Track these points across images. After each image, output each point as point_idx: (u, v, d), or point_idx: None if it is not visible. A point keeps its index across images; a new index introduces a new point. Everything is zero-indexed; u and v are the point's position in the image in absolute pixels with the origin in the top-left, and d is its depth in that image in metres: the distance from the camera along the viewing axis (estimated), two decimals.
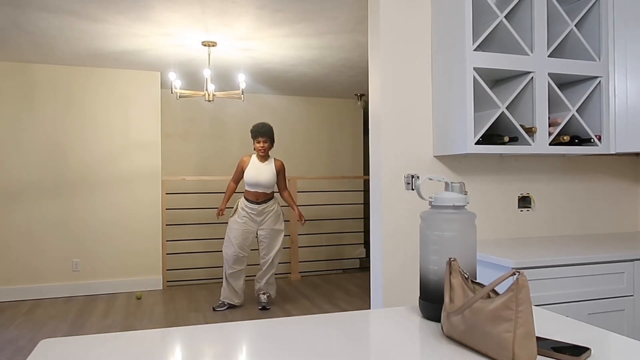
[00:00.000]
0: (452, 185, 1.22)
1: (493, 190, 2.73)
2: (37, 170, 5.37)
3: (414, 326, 1.18)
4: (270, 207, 4.66)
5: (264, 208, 4.63)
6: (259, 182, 4.56)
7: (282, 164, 4.74)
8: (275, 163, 4.69)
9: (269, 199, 4.66)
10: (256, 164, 4.63)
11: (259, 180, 4.56)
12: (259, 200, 4.60)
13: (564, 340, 1.00)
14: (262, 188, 4.59)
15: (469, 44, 2.33)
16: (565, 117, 2.53)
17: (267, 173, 4.60)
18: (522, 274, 0.89)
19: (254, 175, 4.57)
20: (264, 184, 4.58)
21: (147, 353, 0.99)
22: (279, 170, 4.70)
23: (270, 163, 4.67)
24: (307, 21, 4.01)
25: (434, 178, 1.32)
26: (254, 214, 4.60)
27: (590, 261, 2.17)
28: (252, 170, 4.59)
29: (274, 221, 4.67)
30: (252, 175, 4.57)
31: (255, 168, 4.60)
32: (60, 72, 5.46)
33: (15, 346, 3.85)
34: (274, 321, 1.26)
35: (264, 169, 4.61)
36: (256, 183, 4.57)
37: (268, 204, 4.65)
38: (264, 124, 4.59)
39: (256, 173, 4.58)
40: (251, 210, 4.60)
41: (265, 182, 4.58)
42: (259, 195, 4.60)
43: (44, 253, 5.40)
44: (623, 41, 2.55)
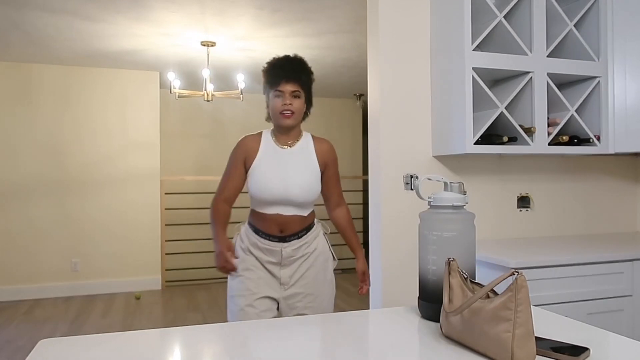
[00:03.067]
0: (451, 185, 1.22)
1: (492, 190, 2.73)
2: (35, 170, 5.37)
3: (413, 326, 1.18)
4: (310, 244, 2.02)
5: (298, 248, 1.99)
6: (289, 191, 1.94)
7: (331, 147, 2.08)
8: (317, 146, 2.04)
9: (308, 228, 2.02)
10: (275, 151, 1.99)
11: (288, 187, 1.94)
12: (287, 232, 1.97)
13: (563, 340, 1.00)
14: (294, 205, 1.96)
15: (468, 44, 2.33)
16: (564, 117, 2.53)
17: (305, 170, 1.99)
18: (521, 274, 0.89)
19: (274, 178, 1.94)
20: (298, 194, 1.95)
21: (146, 353, 0.99)
22: (327, 160, 2.04)
23: (306, 146, 2.03)
24: (306, 21, 4.01)
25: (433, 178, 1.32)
26: (275, 263, 1.98)
27: (589, 261, 2.17)
28: (270, 167, 1.96)
29: (317, 271, 2.03)
30: (271, 178, 1.94)
31: (276, 160, 1.98)
32: (59, 72, 5.45)
33: (15, 346, 3.84)
34: (273, 321, 1.26)
35: (295, 160, 1.99)
36: (282, 195, 1.94)
37: (305, 239, 2.01)
38: (294, 57, 2.01)
39: (279, 172, 1.96)
40: (269, 254, 1.98)
41: (302, 190, 1.95)
42: (287, 221, 1.96)
43: (43, 253, 5.39)
44: (622, 41, 2.55)
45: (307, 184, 1.96)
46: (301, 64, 1.99)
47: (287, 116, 1.92)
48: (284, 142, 2.00)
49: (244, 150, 2.00)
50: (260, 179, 1.94)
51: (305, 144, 2.04)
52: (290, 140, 2.01)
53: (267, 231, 1.97)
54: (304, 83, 1.96)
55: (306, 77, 1.98)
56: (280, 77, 1.91)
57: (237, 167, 2.00)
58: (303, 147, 2.02)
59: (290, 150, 2.00)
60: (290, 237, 1.98)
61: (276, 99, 1.92)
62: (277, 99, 1.92)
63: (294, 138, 2.02)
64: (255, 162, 1.97)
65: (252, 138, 2.02)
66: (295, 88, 1.92)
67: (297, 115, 1.94)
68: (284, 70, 1.93)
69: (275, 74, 1.94)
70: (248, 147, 2.00)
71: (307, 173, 1.98)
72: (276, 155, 1.98)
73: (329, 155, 2.05)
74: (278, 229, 1.97)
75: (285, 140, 2.00)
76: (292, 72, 1.93)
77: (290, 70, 1.93)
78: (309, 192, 1.97)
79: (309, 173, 1.98)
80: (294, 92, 1.92)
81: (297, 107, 1.93)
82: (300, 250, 1.99)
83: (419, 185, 1.28)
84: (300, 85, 1.93)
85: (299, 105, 1.94)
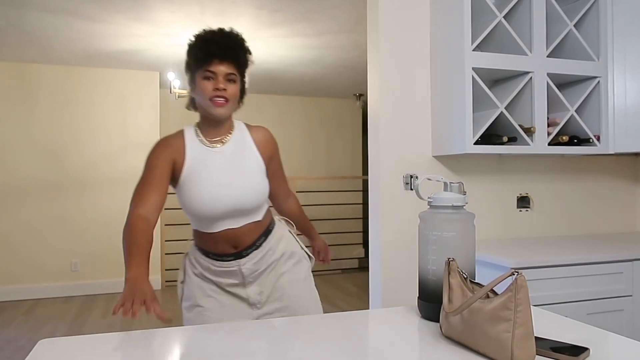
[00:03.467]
0: (451, 185, 1.22)
1: (492, 190, 2.73)
2: (35, 170, 5.36)
3: (413, 326, 1.18)
4: (275, 250, 1.66)
5: (261, 260, 1.62)
6: (238, 200, 1.54)
7: (270, 135, 1.69)
8: (256, 136, 1.65)
9: (267, 232, 1.66)
10: (206, 153, 1.57)
11: (236, 195, 1.54)
12: (242, 246, 1.60)
13: (563, 340, 1.00)
14: (247, 214, 1.58)
15: (467, 44, 2.33)
16: (564, 117, 2.53)
17: (249, 168, 1.59)
18: (520, 274, 0.89)
19: (215, 189, 1.53)
20: (250, 201, 1.57)
21: (146, 353, 0.99)
22: (270, 151, 1.67)
23: (242, 139, 1.63)
24: (306, 21, 4.01)
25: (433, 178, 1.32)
26: (237, 284, 1.62)
27: (589, 261, 2.17)
28: (205, 175, 1.54)
29: (291, 278, 1.68)
30: (210, 190, 1.52)
31: (210, 165, 1.56)
32: (59, 72, 5.45)
33: (15, 346, 3.84)
34: (273, 321, 1.26)
35: (233, 159, 1.59)
36: (231, 207, 1.54)
37: (267, 246, 1.64)
38: (230, 31, 1.60)
39: (219, 179, 1.54)
40: (227, 276, 1.61)
41: (253, 193, 1.57)
42: (240, 234, 1.58)
43: (43, 253, 5.39)
44: (622, 41, 2.55)
45: (256, 184, 1.58)
46: (239, 41, 1.59)
47: (219, 104, 1.51)
48: (214, 139, 1.58)
49: (170, 151, 1.53)
50: (198, 193, 1.50)
51: (240, 136, 1.62)
52: (222, 136, 1.59)
53: (218, 251, 1.59)
54: (242, 65, 1.58)
55: (244, 57, 1.59)
56: (212, 55, 1.50)
57: (162, 172, 1.50)
58: (239, 140, 1.61)
59: (223, 148, 1.57)
60: (247, 250, 1.59)
61: (205, 81, 1.51)
62: (207, 82, 1.51)
63: (225, 132, 1.59)
64: (185, 170, 1.52)
65: (175, 140, 1.56)
66: (231, 70, 1.52)
67: (231, 103, 1.54)
68: (218, 47, 1.51)
69: (206, 50, 1.51)
70: (174, 148, 1.54)
71: (254, 172, 1.59)
72: (209, 159, 1.55)
73: (271, 145, 1.67)
74: (230, 245, 1.58)
75: (215, 137, 1.58)
76: (228, 49, 1.53)
77: (226, 48, 1.53)
78: (262, 194, 1.59)
79: (255, 172, 1.59)
80: (229, 74, 1.52)
81: (231, 94, 1.53)
82: (264, 261, 1.62)
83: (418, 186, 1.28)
84: (237, 67, 1.55)
85: (233, 92, 1.54)
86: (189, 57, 1.57)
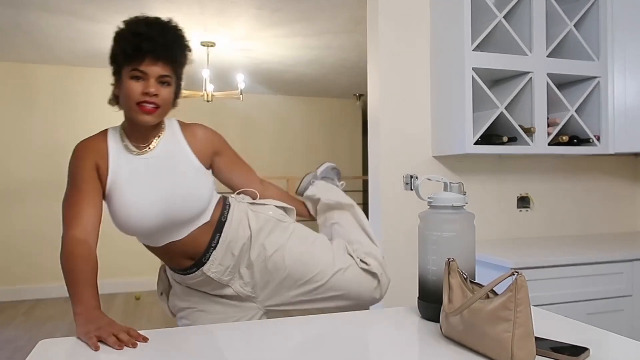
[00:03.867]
0: (451, 185, 1.22)
1: (492, 190, 2.73)
2: (36, 169, 5.37)
3: (413, 326, 1.18)
4: (237, 240, 1.43)
5: (224, 256, 1.43)
6: (171, 213, 1.33)
7: (207, 131, 1.48)
8: (189, 135, 1.43)
9: (220, 227, 1.42)
10: (131, 161, 1.34)
11: (168, 208, 1.32)
12: (197, 254, 1.42)
13: (563, 340, 1.00)
14: (185, 223, 1.37)
15: (467, 44, 2.33)
16: (564, 117, 2.53)
17: (183, 174, 1.37)
18: (520, 274, 0.89)
19: (142, 202, 1.31)
20: (186, 212, 1.35)
21: (146, 353, 0.99)
22: (212, 148, 1.47)
23: (173, 140, 1.40)
24: (306, 21, 4.01)
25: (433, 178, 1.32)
26: (218, 287, 1.47)
27: (589, 261, 2.17)
28: (132, 186, 1.32)
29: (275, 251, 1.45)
30: (137, 203, 1.31)
31: (137, 174, 1.34)
32: (59, 72, 5.45)
33: (15, 346, 3.84)
34: (273, 321, 1.26)
35: (163, 165, 1.36)
36: (164, 221, 1.33)
37: (226, 239, 1.42)
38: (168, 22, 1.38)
39: (148, 189, 1.32)
40: (202, 285, 1.48)
41: (189, 203, 1.35)
42: (188, 244, 1.40)
43: (43, 253, 5.39)
44: (622, 41, 2.55)
45: (193, 190, 1.36)
46: (178, 38, 1.35)
47: (148, 110, 1.27)
48: (140, 143, 1.35)
49: (92, 155, 1.32)
50: (123, 205, 1.30)
51: (171, 139, 1.39)
52: (150, 140, 1.36)
53: (174, 265, 1.45)
54: (179, 66, 1.35)
55: (183, 57, 1.36)
56: (144, 53, 1.25)
57: (90, 182, 1.30)
58: (169, 143, 1.38)
59: (151, 154, 1.35)
60: (205, 255, 1.41)
61: (133, 81, 1.27)
62: (135, 83, 1.26)
63: (154, 135, 1.37)
64: (109, 180, 1.31)
65: (96, 143, 1.34)
66: (166, 72, 1.29)
67: (162, 110, 1.30)
68: (153, 44, 1.26)
69: (137, 45, 1.25)
70: (96, 153, 1.33)
71: (189, 177, 1.36)
72: (134, 167, 1.33)
73: (212, 141, 1.46)
74: (183, 257, 1.41)
75: (141, 141, 1.35)
76: (164, 48, 1.28)
77: (163, 46, 1.28)
78: (201, 200, 1.37)
79: (191, 176, 1.37)
80: (163, 77, 1.29)
81: (164, 99, 1.29)
82: (229, 255, 1.43)
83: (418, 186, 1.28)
84: (173, 68, 1.32)
85: (166, 97, 1.30)
86: (115, 47, 1.30)
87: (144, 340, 1.04)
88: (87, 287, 1.15)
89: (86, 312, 1.10)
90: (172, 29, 1.34)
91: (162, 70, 1.28)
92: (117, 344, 1.00)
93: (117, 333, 1.02)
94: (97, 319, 1.08)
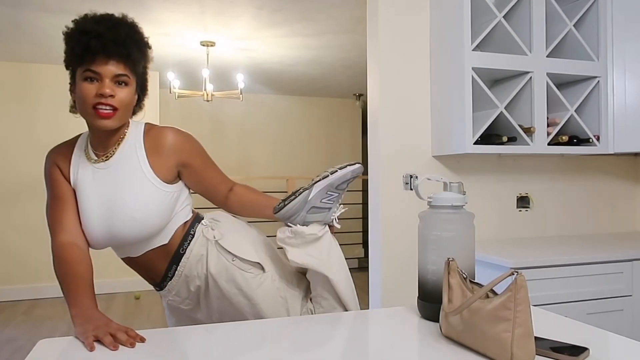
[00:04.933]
0: (451, 185, 1.22)
1: (491, 190, 2.73)
2: (35, 169, 5.36)
3: (413, 326, 1.18)
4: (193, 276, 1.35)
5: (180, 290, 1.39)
6: (113, 230, 1.26)
7: (177, 137, 1.35)
8: (150, 143, 1.30)
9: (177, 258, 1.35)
10: (86, 169, 1.30)
11: (111, 225, 1.26)
12: (157, 277, 1.39)
13: (563, 340, 1.00)
14: (137, 241, 1.31)
15: (467, 44, 2.33)
16: (563, 117, 2.53)
17: (135, 189, 1.26)
18: (520, 274, 0.89)
19: (90, 214, 1.27)
20: (128, 233, 1.26)
21: (146, 353, 0.99)
22: (178, 159, 1.33)
23: (131, 150, 1.29)
24: (306, 21, 4.01)
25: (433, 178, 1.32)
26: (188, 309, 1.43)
27: (589, 261, 2.17)
28: (83, 195, 1.28)
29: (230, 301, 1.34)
30: (86, 214, 1.27)
31: (90, 184, 1.28)
32: (59, 72, 5.43)
33: (14, 345, 3.84)
34: (272, 321, 1.26)
35: (117, 177, 1.27)
36: (107, 237, 1.28)
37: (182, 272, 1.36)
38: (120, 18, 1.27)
39: (95, 201, 1.27)
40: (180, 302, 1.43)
41: (133, 224, 1.25)
42: (145, 263, 1.37)
43: (43, 253, 5.38)
44: (621, 41, 2.55)
45: (137, 209, 1.23)
46: (132, 32, 1.24)
47: (104, 114, 1.18)
48: (100, 151, 1.28)
49: (56, 161, 1.32)
50: (79, 213, 1.29)
51: (131, 147, 1.28)
52: (110, 147, 1.28)
53: (144, 279, 1.43)
54: (136, 62, 1.24)
55: (139, 52, 1.25)
56: (94, 51, 1.16)
57: (61, 187, 1.30)
58: (128, 153, 1.27)
59: (106, 164, 1.27)
60: (162, 282, 1.37)
61: (86, 83, 1.18)
62: (89, 85, 1.17)
63: (115, 141, 1.28)
64: (72, 185, 1.30)
65: (64, 147, 1.34)
66: (121, 70, 1.20)
67: (122, 113, 1.22)
68: (102, 41, 1.16)
69: (85, 44, 1.17)
70: (62, 157, 1.32)
71: (136, 193, 1.24)
72: (89, 177, 1.27)
73: (177, 150, 1.31)
74: (145, 275, 1.40)
75: (101, 149, 1.28)
76: (116, 44, 1.18)
77: (114, 42, 1.18)
78: (144, 221, 1.24)
79: (138, 192, 1.24)
80: (119, 76, 1.20)
81: (122, 100, 1.20)
82: (184, 289, 1.36)
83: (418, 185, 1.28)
84: (129, 66, 1.22)
85: (125, 97, 1.21)
86: (66, 49, 1.22)
87: (142, 340, 1.03)
88: (82, 290, 1.14)
89: (83, 312, 1.10)
90: (123, 24, 1.24)
91: (116, 69, 1.19)
92: (113, 344, 0.99)
93: (115, 333, 1.02)
94: (94, 318, 1.07)
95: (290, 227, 1.34)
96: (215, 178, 1.44)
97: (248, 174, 6.73)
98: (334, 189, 1.37)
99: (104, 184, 1.26)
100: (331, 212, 1.39)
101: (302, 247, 1.35)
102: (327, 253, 1.36)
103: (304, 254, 1.34)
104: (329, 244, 1.38)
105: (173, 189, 1.31)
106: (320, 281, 1.36)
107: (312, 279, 1.39)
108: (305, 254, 1.34)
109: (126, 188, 1.25)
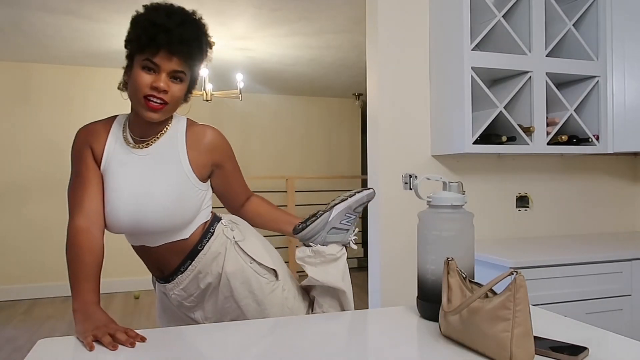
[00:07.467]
0: (450, 184, 1.22)
1: (491, 189, 2.73)
2: (35, 170, 5.36)
3: (412, 326, 1.18)
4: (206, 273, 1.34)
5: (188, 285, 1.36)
6: (140, 217, 1.24)
7: (216, 139, 1.36)
8: (192, 138, 1.31)
9: (193, 254, 1.33)
10: (124, 152, 1.28)
11: (139, 211, 1.24)
12: (167, 270, 1.36)
13: (562, 339, 1.00)
14: (157, 232, 1.29)
15: (467, 44, 2.33)
16: (563, 117, 2.53)
17: (167, 181, 1.26)
18: (519, 274, 0.89)
19: (120, 195, 1.25)
20: (154, 222, 1.25)
21: (145, 353, 0.99)
22: (213, 158, 1.35)
23: (172, 142, 1.29)
24: (305, 20, 4.01)
25: (432, 178, 1.32)
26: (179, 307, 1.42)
27: (588, 261, 2.17)
28: (115, 176, 1.26)
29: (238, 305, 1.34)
30: (116, 195, 1.25)
31: (125, 167, 1.27)
32: (59, 72, 5.45)
33: (14, 345, 3.84)
34: (272, 321, 1.26)
35: (153, 166, 1.27)
36: (132, 223, 1.26)
37: (195, 268, 1.34)
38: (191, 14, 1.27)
39: (128, 185, 1.25)
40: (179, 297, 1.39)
41: (161, 214, 1.24)
42: (159, 255, 1.34)
43: (43, 252, 5.39)
44: (621, 41, 2.55)
45: (169, 201, 1.24)
46: (199, 33, 1.25)
47: (154, 107, 1.19)
48: (140, 137, 1.28)
49: (89, 138, 1.29)
50: (105, 198, 1.25)
51: (172, 137, 1.29)
52: (151, 135, 1.28)
53: (149, 270, 1.41)
54: (196, 62, 1.26)
55: (200, 53, 1.26)
56: (159, 45, 1.16)
57: (88, 166, 1.26)
58: (169, 143, 1.28)
59: (146, 151, 1.27)
60: (173, 275, 1.35)
61: (143, 72, 1.19)
62: (145, 74, 1.18)
63: (156, 132, 1.28)
64: (102, 166, 1.27)
65: (100, 127, 1.31)
66: (180, 67, 1.20)
67: (171, 107, 1.23)
68: (169, 37, 1.16)
69: (153, 36, 1.16)
70: (95, 136, 1.29)
71: (172, 184, 1.25)
72: (126, 161, 1.26)
73: (215, 149, 1.34)
74: (154, 266, 1.38)
75: (143, 135, 1.28)
76: (181, 42, 1.18)
77: (180, 40, 1.18)
78: (172, 215, 1.25)
79: (174, 184, 1.25)
80: (176, 72, 1.21)
81: (173, 96, 1.22)
82: (193, 285, 1.34)
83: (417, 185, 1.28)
84: (189, 64, 1.23)
85: (177, 93, 1.23)
86: (131, 32, 1.21)
87: (142, 340, 1.03)
88: (87, 281, 1.14)
89: (84, 308, 1.09)
90: (192, 24, 1.24)
91: (176, 65, 1.20)
92: (112, 344, 0.99)
93: (114, 333, 1.01)
94: (94, 317, 1.07)
95: (310, 246, 1.40)
96: (240, 185, 1.47)
97: (247, 174, 6.66)
98: (351, 211, 1.44)
99: (140, 169, 1.26)
100: (349, 233, 1.47)
101: (321, 266, 1.40)
102: (342, 273, 1.43)
103: (324, 272, 1.39)
104: (344, 264, 1.46)
105: (203, 187, 1.33)
106: (329, 295, 1.42)
107: (322, 294, 1.44)
108: (324, 272, 1.40)
109: (163, 177, 1.25)
